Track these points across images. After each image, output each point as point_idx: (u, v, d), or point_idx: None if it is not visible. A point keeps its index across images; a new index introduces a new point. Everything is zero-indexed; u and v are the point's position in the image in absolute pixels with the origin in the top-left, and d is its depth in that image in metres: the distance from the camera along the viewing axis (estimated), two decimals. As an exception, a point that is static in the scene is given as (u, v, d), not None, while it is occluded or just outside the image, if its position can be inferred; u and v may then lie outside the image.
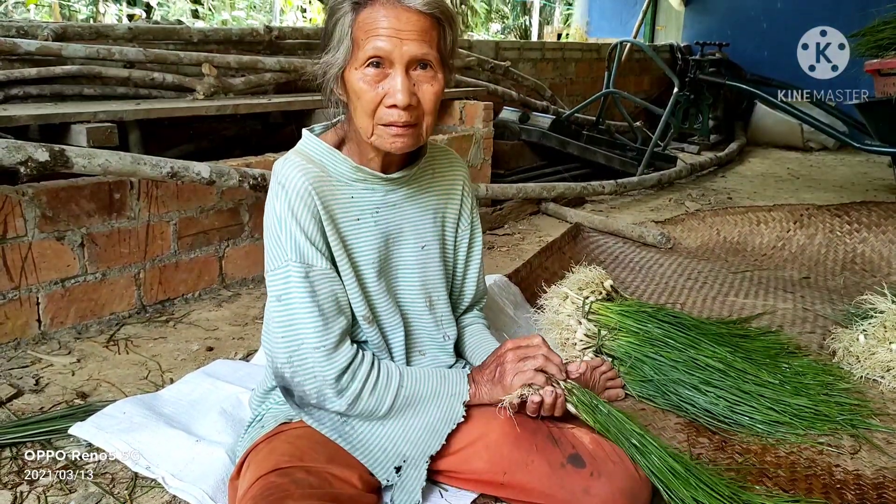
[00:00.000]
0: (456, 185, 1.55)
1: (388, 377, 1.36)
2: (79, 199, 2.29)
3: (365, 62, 1.24)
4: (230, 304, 2.64)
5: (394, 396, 1.35)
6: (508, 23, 14.85)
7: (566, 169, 4.97)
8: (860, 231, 3.54)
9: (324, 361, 1.29)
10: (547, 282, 2.43)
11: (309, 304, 1.28)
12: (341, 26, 1.25)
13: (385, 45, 1.22)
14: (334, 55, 1.27)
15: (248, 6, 11.56)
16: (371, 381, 1.33)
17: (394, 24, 1.22)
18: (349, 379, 1.31)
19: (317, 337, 1.28)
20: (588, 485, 1.30)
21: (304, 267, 1.29)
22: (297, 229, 1.28)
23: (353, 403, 1.32)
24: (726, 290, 2.91)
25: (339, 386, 1.30)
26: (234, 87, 3.34)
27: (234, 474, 1.39)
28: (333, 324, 1.30)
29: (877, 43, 4.22)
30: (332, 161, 1.37)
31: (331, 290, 1.32)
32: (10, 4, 7.95)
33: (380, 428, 1.37)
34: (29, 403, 1.88)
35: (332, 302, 1.31)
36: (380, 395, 1.34)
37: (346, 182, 1.37)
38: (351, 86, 1.28)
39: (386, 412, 1.35)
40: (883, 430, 1.85)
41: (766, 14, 7.72)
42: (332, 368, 1.29)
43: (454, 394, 1.39)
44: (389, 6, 1.22)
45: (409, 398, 1.36)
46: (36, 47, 2.85)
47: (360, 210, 1.38)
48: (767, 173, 5.84)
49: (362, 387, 1.32)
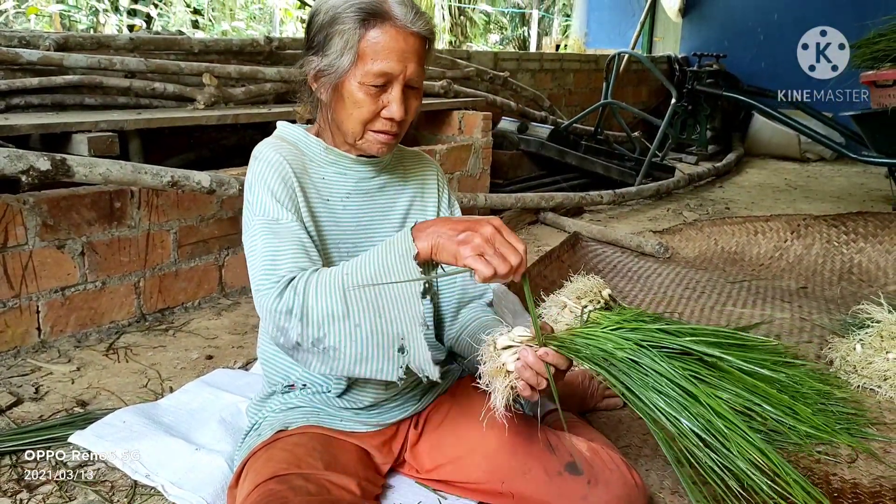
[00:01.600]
0: (429, 180, 1.55)
1: (328, 273, 1.22)
2: (79, 207, 2.30)
3: (371, 78, 1.29)
4: (230, 313, 2.65)
5: (341, 283, 1.19)
6: (507, 34, 14.93)
7: (564, 179, 4.99)
8: (857, 241, 3.55)
9: (266, 291, 1.21)
10: (545, 290, 2.44)
11: (265, 245, 1.26)
12: (345, 37, 1.28)
13: (396, 67, 1.28)
14: (334, 62, 1.30)
15: (248, 17, 11.61)
16: (312, 282, 1.20)
17: (402, 47, 1.28)
18: (291, 293, 1.19)
19: (264, 272, 1.23)
20: (585, 492, 1.31)
21: (269, 221, 1.29)
22: (267, 192, 1.31)
23: (304, 311, 1.18)
24: (724, 300, 2.92)
25: (281, 301, 1.19)
26: (235, 96, 3.36)
27: (233, 483, 1.39)
28: (286, 260, 1.24)
29: (873, 54, 4.25)
30: (306, 142, 1.42)
31: (296, 237, 1.28)
32: (10, 14, 7.98)
33: (358, 331, 1.20)
34: (29, 411, 1.89)
35: (294, 244, 1.26)
36: (326, 290, 1.19)
37: (318, 163, 1.41)
38: (349, 94, 1.31)
39: (342, 304, 1.18)
40: (880, 439, 1.86)
41: (763, 26, 7.76)
42: (271, 293, 1.20)
43: (402, 252, 1.21)
44: (399, 29, 1.28)
45: (358, 276, 1.20)
46: (38, 57, 2.87)
47: (330, 193, 1.41)
48: (765, 184, 5.87)
49: (304, 289, 1.19)
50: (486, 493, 1.41)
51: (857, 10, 6.37)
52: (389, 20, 1.28)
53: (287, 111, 3.44)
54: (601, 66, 6.55)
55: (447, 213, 1.57)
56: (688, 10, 8.29)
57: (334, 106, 1.35)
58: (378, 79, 1.29)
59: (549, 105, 5.81)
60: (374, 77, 1.28)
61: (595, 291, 2.28)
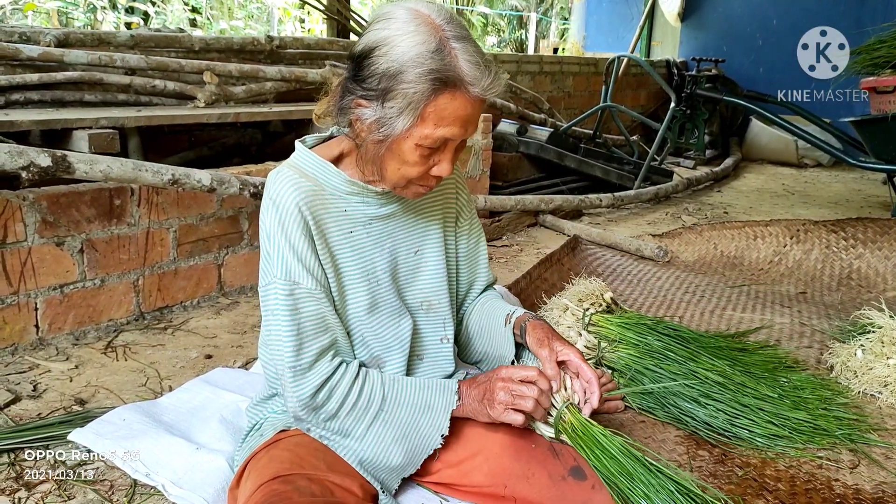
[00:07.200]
0: (448, 185, 1.53)
1: (370, 395, 1.31)
2: (79, 204, 2.29)
3: (430, 142, 1.23)
4: (229, 312, 2.63)
5: (373, 416, 1.31)
6: (504, 36, 14.93)
7: (564, 181, 4.99)
8: (856, 247, 3.56)
9: (294, 381, 1.27)
10: (546, 293, 2.43)
11: (287, 323, 1.27)
12: (412, 95, 1.18)
13: (458, 133, 1.23)
14: (391, 121, 1.21)
15: (246, 16, 11.58)
16: (351, 399, 1.30)
17: (469, 113, 1.22)
18: (325, 397, 1.28)
19: (291, 357, 1.27)
20: (589, 497, 1.29)
21: (288, 285, 1.27)
22: (286, 246, 1.28)
23: (330, 421, 1.30)
24: (724, 304, 2.92)
25: (313, 403, 1.28)
26: (235, 95, 3.34)
27: (234, 483, 1.38)
28: (311, 343, 1.28)
29: (873, 61, 4.27)
30: (325, 175, 1.36)
31: (315, 310, 1.29)
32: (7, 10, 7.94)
33: (378, 439, 1.34)
34: (27, 409, 1.87)
35: (314, 321, 1.29)
36: (359, 414, 1.30)
37: (339, 195, 1.36)
38: (401, 153, 1.25)
39: (364, 431, 1.31)
40: (881, 444, 1.86)
41: (762, 31, 7.78)
42: (304, 387, 1.27)
43: (441, 407, 1.35)
44: (468, 96, 1.20)
45: (389, 421, 1.32)
46: (38, 53, 2.85)
47: (353, 223, 1.37)
48: (763, 189, 5.87)
49: (340, 405, 1.29)
50: (489, 497, 1.40)
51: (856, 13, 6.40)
52: (461, 88, 1.19)
53: (287, 110, 3.43)
54: (600, 70, 6.56)
55: (466, 219, 1.56)
56: (687, 15, 8.30)
57: (382, 156, 1.27)
58: (437, 143, 1.23)
59: (548, 108, 5.82)
60: (434, 142, 1.23)
61: (596, 294, 2.28)
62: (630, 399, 1.98)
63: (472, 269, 1.60)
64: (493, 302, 1.59)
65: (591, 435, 1.31)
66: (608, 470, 1.27)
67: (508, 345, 1.49)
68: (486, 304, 1.59)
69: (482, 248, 1.61)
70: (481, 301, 1.61)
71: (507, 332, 1.50)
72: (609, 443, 1.30)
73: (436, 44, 1.18)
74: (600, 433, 1.31)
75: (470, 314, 1.60)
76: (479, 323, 1.58)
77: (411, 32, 1.18)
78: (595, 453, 1.29)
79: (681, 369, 1.99)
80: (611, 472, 1.27)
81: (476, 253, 1.60)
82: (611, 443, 1.30)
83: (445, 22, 1.21)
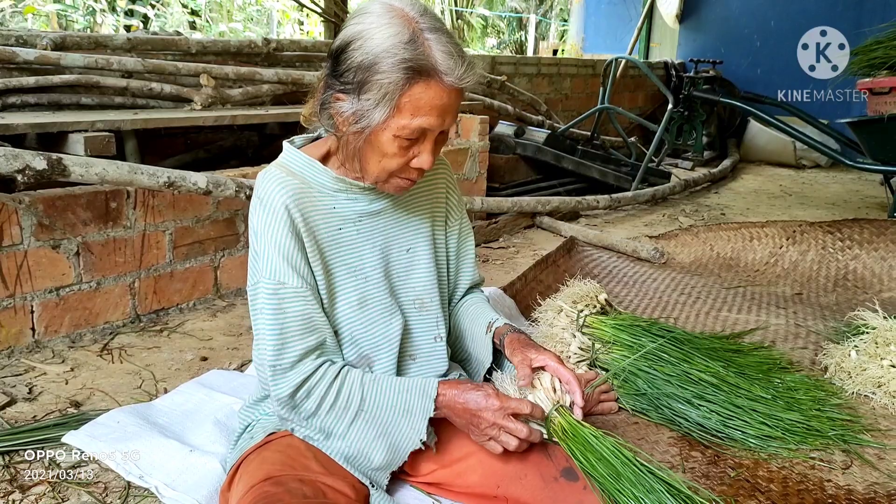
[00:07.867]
0: (439, 183, 1.54)
1: (349, 395, 1.31)
2: (75, 207, 2.29)
3: (408, 133, 1.24)
4: (224, 315, 2.64)
5: (353, 415, 1.31)
6: (504, 38, 14.94)
7: (561, 183, 4.99)
8: (852, 248, 3.56)
9: (273, 380, 1.28)
10: (542, 295, 2.44)
11: (271, 322, 1.28)
12: (384, 90, 1.20)
13: (435, 123, 1.24)
14: (368, 112, 1.23)
15: (245, 18, 11.60)
16: (329, 398, 1.30)
17: (445, 103, 1.23)
18: (304, 396, 1.29)
19: (272, 355, 1.28)
20: (581, 498, 1.30)
21: (274, 284, 1.28)
22: (273, 245, 1.28)
23: (311, 419, 1.31)
24: (719, 306, 2.92)
25: (292, 403, 1.29)
26: (232, 97, 3.35)
27: (225, 486, 1.38)
28: (295, 343, 1.29)
29: (869, 62, 4.28)
30: (313, 173, 1.37)
31: (300, 310, 1.30)
32: (7, 13, 7.96)
33: (359, 438, 1.34)
34: (22, 412, 1.88)
35: (299, 321, 1.29)
36: (339, 413, 1.31)
37: (327, 193, 1.37)
38: (379, 145, 1.26)
39: (346, 430, 1.32)
40: (874, 445, 1.86)
41: (760, 32, 7.80)
42: (283, 387, 1.28)
43: (419, 413, 1.33)
44: (443, 85, 1.21)
45: (370, 420, 1.32)
46: (35, 56, 2.86)
47: (342, 220, 1.38)
48: (760, 190, 5.88)
49: (318, 405, 1.29)
50: (482, 498, 1.40)
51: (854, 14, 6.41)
52: (435, 77, 1.20)
53: (284, 112, 3.44)
54: (598, 71, 6.56)
55: (456, 218, 1.57)
56: (685, 17, 8.31)
57: (361, 149, 1.29)
58: (414, 133, 1.24)
59: (545, 109, 5.82)
60: (411, 132, 1.24)
61: (591, 296, 2.28)
62: (623, 401, 1.99)
63: (458, 267, 1.61)
64: (478, 307, 1.61)
65: (581, 436, 1.32)
66: (597, 471, 1.28)
67: (487, 352, 1.52)
68: (472, 308, 1.61)
69: (470, 247, 1.62)
70: (467, 303, 1.62)
71: (487, 339, 1.52)
72: (600, 444, 1.30)
73: (409, 35, 1.20)
74: (591, 434, 1.32)
75: (455, 315, 1.62)
76: (464, 326, 1.59)
77: (385, 25, 1.20)
78: (585, 455, 1.29)
79: (675, 370, 2.00)
80: (601, 473, 1.27)
81: (463, 252, 1.61)
82: (601, 444, 1.30)
83: (419, 14, 1.23)
